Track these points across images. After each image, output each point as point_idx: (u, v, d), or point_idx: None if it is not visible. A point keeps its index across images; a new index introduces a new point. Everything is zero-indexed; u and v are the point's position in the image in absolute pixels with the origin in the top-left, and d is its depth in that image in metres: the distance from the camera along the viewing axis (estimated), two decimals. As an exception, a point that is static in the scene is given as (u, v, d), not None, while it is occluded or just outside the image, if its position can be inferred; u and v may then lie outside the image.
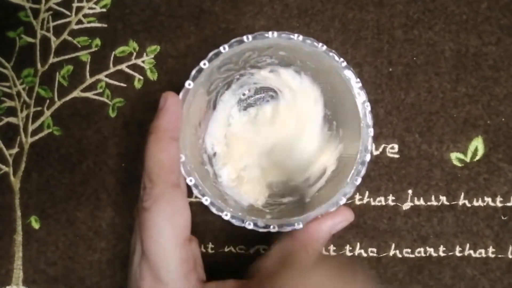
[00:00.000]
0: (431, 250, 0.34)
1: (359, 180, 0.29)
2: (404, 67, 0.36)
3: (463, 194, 0.35)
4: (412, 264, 0.34)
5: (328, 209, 0.29)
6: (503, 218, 0.34)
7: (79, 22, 0.37)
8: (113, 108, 0.36)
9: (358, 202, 0.35)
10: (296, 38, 0.29)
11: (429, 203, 0.35)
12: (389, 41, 0.36)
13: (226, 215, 0.29)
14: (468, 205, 0.34)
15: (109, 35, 0.37)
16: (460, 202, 0.34)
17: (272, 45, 0.30)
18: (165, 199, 0.27)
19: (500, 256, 0.34)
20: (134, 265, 0.28)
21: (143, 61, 0.36)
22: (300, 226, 0.29)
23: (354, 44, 0.36)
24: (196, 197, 0.29)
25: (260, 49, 0.30)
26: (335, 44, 0.36)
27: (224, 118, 0.34)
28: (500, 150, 0.35)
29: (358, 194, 0.35)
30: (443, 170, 0.35)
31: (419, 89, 0.35)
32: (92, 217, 0.35)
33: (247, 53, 0.31)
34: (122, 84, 0.36)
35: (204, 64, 0.29)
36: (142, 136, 0.29)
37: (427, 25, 0.36)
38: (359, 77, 0.30)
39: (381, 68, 0.36)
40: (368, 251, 0.34)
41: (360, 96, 0.30)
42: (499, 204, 0.34)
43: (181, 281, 0.27)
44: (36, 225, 0.35)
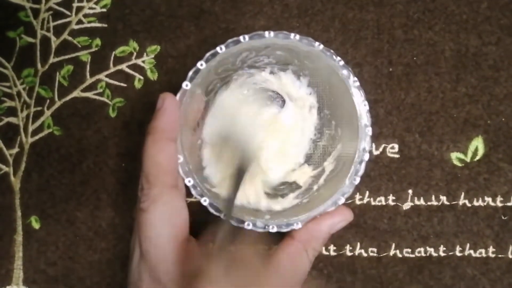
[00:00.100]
0: (431, 250, 0.34)
1: (358, 180, 0.29)
2: (404, 67, 0.36)
3: (463, 194, 0.34)
4: (412, 264, 0.34)
5: (327, 209, 0.29)
6: (503, 218, 0.34)
7: (79, 22, 0.37)
8: (113, 108, 0.36)
9: (359, 202, 0.35)
10: (293, 38, 0.29)
11: (429, 203, 0.35)
12: (389, 41, 0.36)
13: (225, 216, 0.28)
14: (468, 205, 0.34)
15: (109, 35, 0.37)
16: (460, 202, 0.34)
17: (269, 45, 0.30)
18: (163, 200, 0.27)
19: (500, 256, 0.34)
20: (133, 266, 0.28)
21: (143, 61, 0.36)
22: (299, 226, 0.29)
23: (354, 44, 0.36)
24: (195, 197, 0.29)
25: (257, 49, 0.30)
26: (335, 44, 0.36)
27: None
28: (500, 150, 0.35)
29: (359, 194, 0.35)
30: (443, 170, 0.35)
31: (419, 89, 0.35)
32: (92, 217, 0.35)
33: (244, 53, 0.30)
34: (122, 84, 0.36)
35: (201, 65, 0.29)
36: (142, 136, 0.29)
37: (427, 25, 0.36)
38: (359, 77, 0.30)
39: (381, 68, 0.36)
40: (368, 251, 0.34)
41: (358, 96, 0.30)
42: (499, 204, 0.34)
43: (180, 282, 0.27)
44: (36, 225, 0.35)
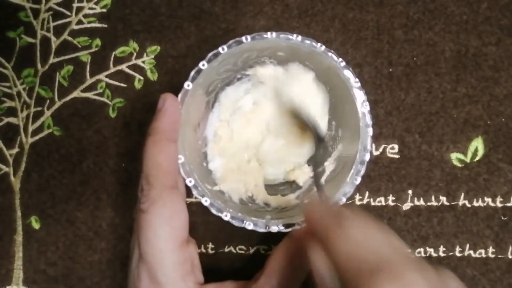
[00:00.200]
0: (431, 250, 0.34)
1: (359, 180, 0.29)
2: (404, 68, 0.36)
3: (463, 195, 0.35)
4: (412, 264, 0.34)
5: None
6: (503, 219, 0.34)
7: (80, 22, 0.37)
8: (113, 108, 0.36)
9: (359, 203, 0.35)
10: (295, 39, 0.29)
11: (429, 204, 0.35)
12: (389, 42, 0.36)
13: (226, 216, 0.29)
14: (468, 206, 0.34)
15: (109, 35, 0.37)
16: (460, 203, 0.34)
17: (271, 46, 0.30)
18: (163, 201, 0.27)
19: (500, 256, 0.34)
20: (133, 266, 0.28)
21: (143, 62, 0.36)
22: (300, 226, 0.29)
23: (354, 45, 0.36)
24: (196, 198, 0.29)
25: (259, 50, 0.30)
26: (335, 45, 0.36)
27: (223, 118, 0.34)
28: (500, 151, 0.35)
29: (358, 195, 0.35)
30: (443, 171, 0.35)
31: (419, 90, 0.35)
32: (92, 217, 0.35)
33: (246, 54, 0.30)
34: (122, 85, 0.36)
35: (203, 65, 0.29)
36: (142, 136, 0.29)
37: (427, 26, 0.36)
38: (359, 78, 0.30)
39: (381, 69, 0.36)
40: (368, 251, 0.34)
41: (359, 96, 0.30)
42: (499, 205, 0.34)
43: (178, 284, 0.27)
44: (36, 225, 0.35)
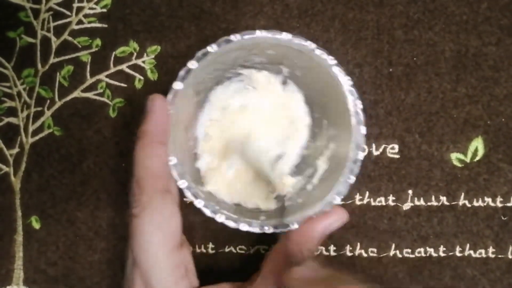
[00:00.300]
0: (431, 250, 0.34)
1: (353, 179, 0.29)
2: (404, 68, 0.36)
3: (463, 195, 0.35)
4: (412, 264, 0.34)
5: (323, 209, 0.29)
6: (503, 219, 0.34)
7: (80, 22, 0.37)
8: (114, 108, 0.36)
9: (359, 203, 0.35)
10: (285, 37, 0.29)
11: (429, 203, 0.35)
12: (389, 42, 0.36)
13: (220, 217, 0.28)
14: (468, 205, 0.35)
15: (110, 35, 0.37)
16: (460, 203, 0.34)
17: (260, 44, 0.29)
18: (154, 206, 0.27)
19: (500, 256, 0.34)
20: (127, 272, 0.28)
21: (144, 62, 0.36)
22: (295, 227, 0.29)
23: (354, 45, 0.36)
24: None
25: (249, 48, 0.30)
26: (335, 44, 0.36)
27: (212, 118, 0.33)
28: (500, 151, 0.35)
29: (359, 195, 0.35)
30: (443, 171, 0.35)
31: (419, 90, 0.35)
32: (93, 217, 0.35)
33: (235, 52, 0.30)
34: (123, 85, 0.36)
35: (192, 64, 0.28)
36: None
37: (427, 26, 0.36)
38: (359, 78, 0.29)
39: (381, 69, 0.36)
40: (368, 251, 0.34)
41: (351, 94, 0.29)
42: (499, 205, 0.34)
43: None
44: (37, 225, 0.35)
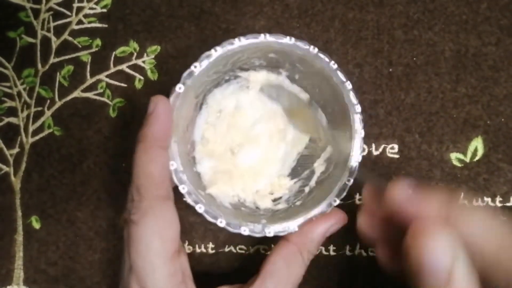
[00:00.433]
0: (431, 250, 0.34)
1: (351, 181, 0.29)
2: (404, 68, 0.36)
3: (463, 194, 0.35)
4: (412, 264, 0.34)
5: (322, 211, 0.29)
6: (503, 218, 0.34)
7: (80, 22, 0.37)
8: (114, 108, 0.36)
9: (359, 203, 0.35)
10: (289, 41, 0.29)
11: (429, 203, 0.35)
12: (389, 42, 0.36)
13: (221, 222, 0.28)
14: (468, 205, 0.34)
15: (110, 35, 0.37)
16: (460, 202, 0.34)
17: (264, 48, 0.29)
18: (154, 213, 0.26)
19: (500, 256, 0.34)
20: (124, 277, 0.27)
21: (144, 61, 0.36)
22: (296, 229, 0.29)
23: (354, 45, 0.36)
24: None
25: (251, 51, 0.30)
26: (335, 45, 0.36)
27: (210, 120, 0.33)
28: (500, 150, 0.35)
29: (358, 195, 0.35)
30: (443, 170, 0.35)
31: (419, 90, 0.35)
32: (93, 217, 0.35)
33: (237, 55, 0.30)
34: (123, 84, 0.36)
35: (195, 67, 0.28)
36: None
37: (427, 26, 0.36)
38: (359, 78, 0.30)
39: (381, 69, 0.36)
40: (368, 251, 0.34)
41: (351, 99, 0.29)
42: (499, 204, 0.34)
43: None
44: (37, 225, 0.35)
